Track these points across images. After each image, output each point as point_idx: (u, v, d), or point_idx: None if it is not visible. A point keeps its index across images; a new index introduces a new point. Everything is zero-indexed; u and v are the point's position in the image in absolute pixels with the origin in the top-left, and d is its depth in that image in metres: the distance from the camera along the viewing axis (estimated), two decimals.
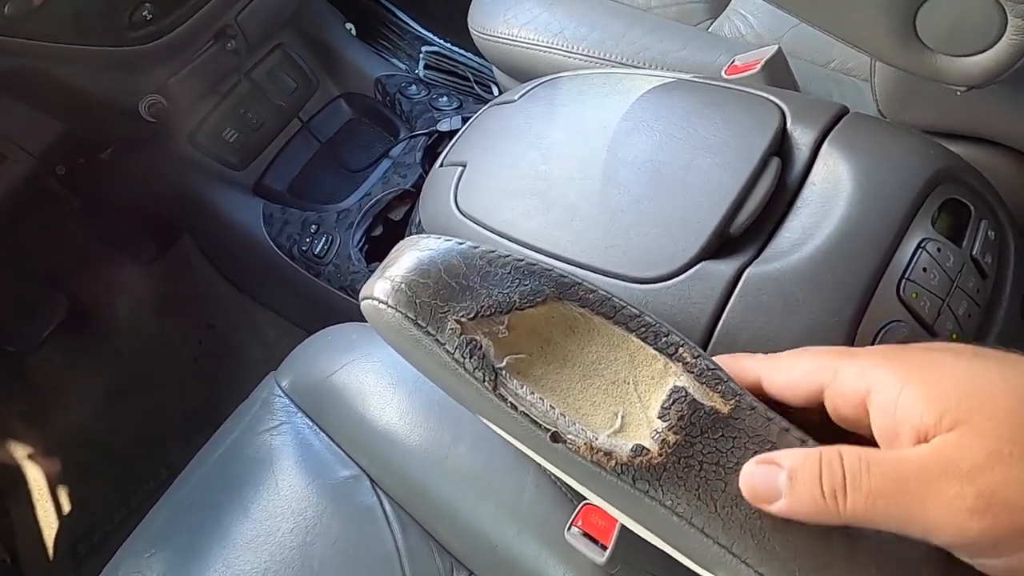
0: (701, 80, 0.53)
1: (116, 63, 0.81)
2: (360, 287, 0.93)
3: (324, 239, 0.91)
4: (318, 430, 0.61)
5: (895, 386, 0.25)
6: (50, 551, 1.05)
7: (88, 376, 1.17)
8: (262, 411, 0.64)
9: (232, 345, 1.15)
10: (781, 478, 0.26)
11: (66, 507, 1.09)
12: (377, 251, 0.93)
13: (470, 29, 0.86)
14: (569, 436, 0.29)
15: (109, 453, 1.12)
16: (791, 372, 0.29)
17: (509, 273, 0.33)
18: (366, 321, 0.36)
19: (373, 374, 0.60)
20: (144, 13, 0.78)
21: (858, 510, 0.24)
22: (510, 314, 0.32)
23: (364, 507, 0.57)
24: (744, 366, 0.31)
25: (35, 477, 1.11)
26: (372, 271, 0.89)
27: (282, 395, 0.64)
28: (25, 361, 1.17)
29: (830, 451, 0.25)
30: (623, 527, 0.43)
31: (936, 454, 0.23)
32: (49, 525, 1.07)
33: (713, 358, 0.31)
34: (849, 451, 0.25)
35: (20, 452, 1.13)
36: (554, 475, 0.51)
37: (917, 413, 0.24)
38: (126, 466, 1.11)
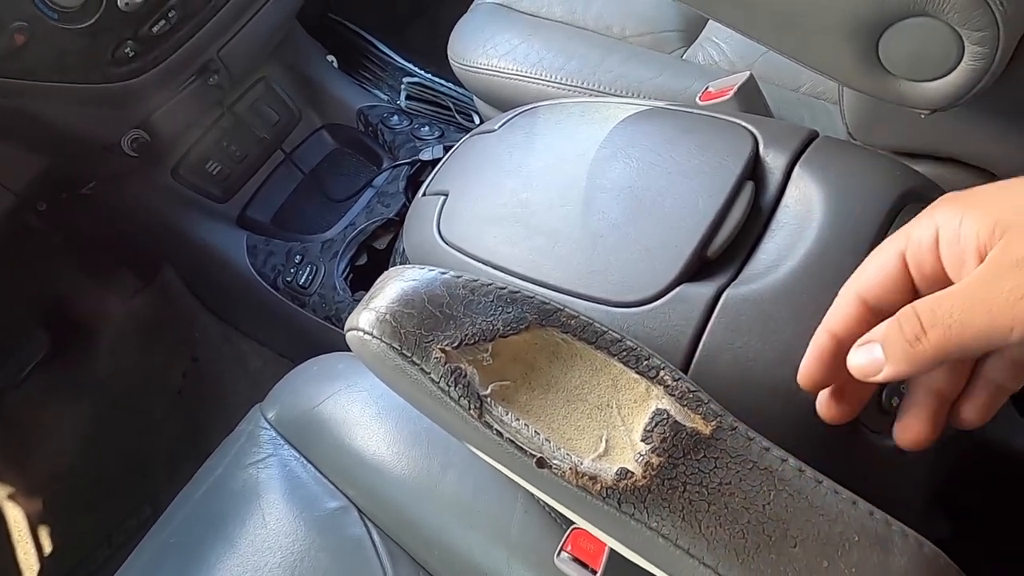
0: (676, 107, 0.55)
1: (98, 99, 0.81)
2: (345, 316, 0.93)
3: (309, 269, 0.92)
4: (305, 462, 0.61)
5: (956, 219, 0.27)
6: None
7: (69, 412, 1.16)
8: (248, 444, 0.64)
9: (216, 376, 1.14)
10: (876, 351, 0.28)
11: (47, 547, 1.07)
12: (362, 280, 0.93)
13: (450, 60, 0.87)
14: (555, 461, 0.30)
15: (91, 490, 1.10)
16: (872, 263, 0.30)
17: (492, 301, 0.33)
18: (351, 351, 0.36)
19: (359, 404, 0.60)
20: (126, 50, 0.79)
21: (942, 340, 0.26)
22: (494, 342, 0.32)
23: (353, 538, 0.56)
24: (844, 300, 0.31)
25: (15, 517, 1.09)
26: (357, 300, 0.90)
27: (268, 427, 0.64)
28: (4, 397, 1.15)
29: (905, 310, 0.27)
30: (612, 551, 0.43)
31: (990, 263, 0.25)
32: (30, 567, 1.05)
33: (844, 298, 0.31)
34: (920, 303, 0.27)
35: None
36: (542, 500, 0.51)
37: (975, 235, 0.26)
38: (109, 503, 1.09)
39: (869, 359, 0.28)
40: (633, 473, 0.29)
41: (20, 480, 1.12)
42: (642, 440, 0.30)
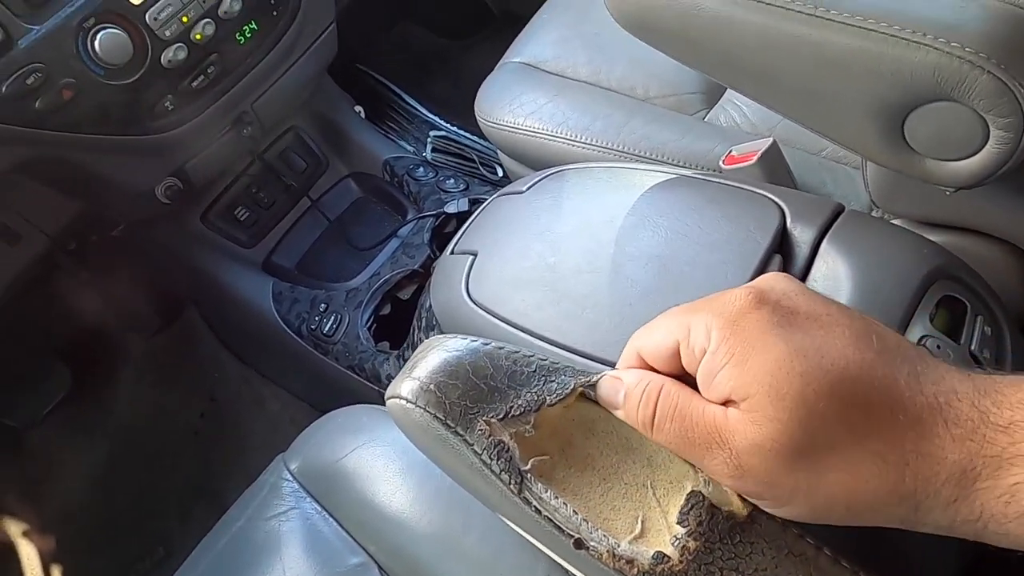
0: (703, 176, 0.56)
1: (136, 150, 0.84)
2: (368, 366, 0.93)
3: (333, 318, 0.93)
4: (327, 516, 0.61)
5: (724, 358, 0.29)
6: None
7: (86, 450, 1.16)
8: (270, 496, 0.64)
9: (234, 418, 1.15)
10: (620, 395, 0.32)
11: None
12: (385, 330, 0.94)
13: (477, 117, 0.89)
14: (592, 543, 0.30)
15: (105, 529, 1.10)
16: (654, 334, 0.32)
17: (535, 372, 0.34)
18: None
19: (383, 458, 0.61)
20: (166, 104, 0.81)
21: (662, 441, 0.31)
22: (538, 412, 0.33)
23: None
24: (627, 351, 0.34)
25: (28, 555, 1.09)
26: (380, 351, 0.91)
27: (291, 479, 0.64)
28: (23, 434, 1.16)
29: (656, 384, 0.31)
30: None
31: (724, 422, 0.29)
32: None
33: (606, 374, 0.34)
34: (668, 390, 0.31)
35: (13, 529, 1.11)
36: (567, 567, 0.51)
37: (729, 387, 0.29)
38: (122, 542, 1.08)
39: (612, 394, 0.33)
40: (670, 558, 0.29)
41: (34, 517, 1.12)
42: (678, 523, 0.30)
